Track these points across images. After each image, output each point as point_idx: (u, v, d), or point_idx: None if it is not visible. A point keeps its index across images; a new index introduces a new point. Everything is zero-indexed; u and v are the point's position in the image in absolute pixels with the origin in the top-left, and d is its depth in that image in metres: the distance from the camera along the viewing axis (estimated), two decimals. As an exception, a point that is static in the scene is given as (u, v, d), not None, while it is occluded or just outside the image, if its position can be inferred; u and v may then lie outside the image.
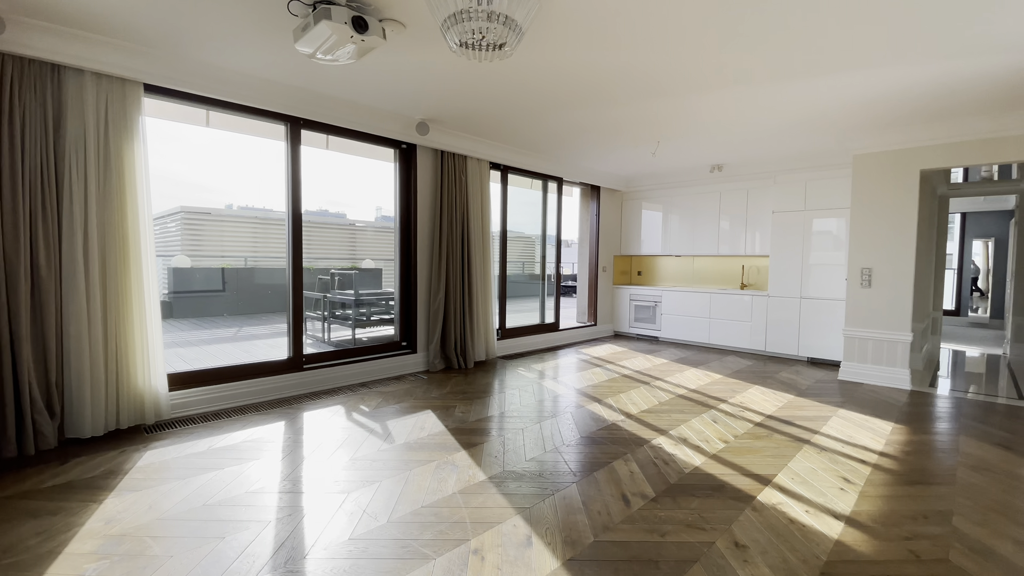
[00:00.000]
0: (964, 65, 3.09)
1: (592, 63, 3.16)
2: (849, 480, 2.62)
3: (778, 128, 4.58)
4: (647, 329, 7.24)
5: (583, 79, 3.43)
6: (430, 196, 4.98)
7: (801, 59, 3.04)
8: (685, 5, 2.44)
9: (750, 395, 4.26)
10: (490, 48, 2.23)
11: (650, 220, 7.42)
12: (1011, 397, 4.31)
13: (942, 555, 1.94)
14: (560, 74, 3.36)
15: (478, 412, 3.69)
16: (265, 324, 7.17)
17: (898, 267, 4.63)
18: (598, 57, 3.07)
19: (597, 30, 2.71)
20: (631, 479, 2.59)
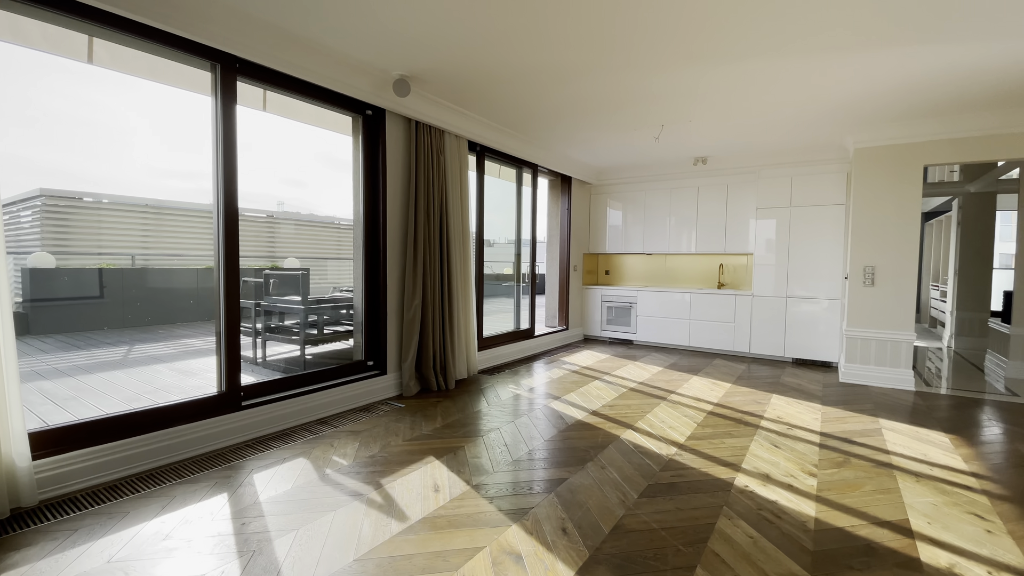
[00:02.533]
0: (969, 54, 2.84)
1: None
2: (984, 518, 2.17)
3: (775, 116, 4.21)
4: (621, 332, 6.75)
5: (604, 30, 2.73)
6: (402, 179, 4.01)
7: (810, 33, 2.60)
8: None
9: (779, 407, 3.83)
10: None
11: (621, 216, 6.94)
12: (994, 392, 4.31)
13: None
14: (583, 20, 2.63)
15: (495, 454, 2.84)
16: (166, 341, 5.64)
17: (901, 265, 4.49)
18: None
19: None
20: (755, 548, 1.92)
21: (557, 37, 2.85)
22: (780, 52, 2.98)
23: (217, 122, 2.86)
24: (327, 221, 8.47)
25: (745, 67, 3.22)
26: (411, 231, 3.95)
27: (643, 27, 2.71)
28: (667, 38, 2.83)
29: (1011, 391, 4.39)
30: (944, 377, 4.95)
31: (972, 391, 4.38)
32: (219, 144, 2.86)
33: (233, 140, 2.90)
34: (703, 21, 2.63)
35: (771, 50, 2.96)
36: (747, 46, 2.92)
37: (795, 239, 5.55)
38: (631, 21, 2.64)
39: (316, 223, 7.96)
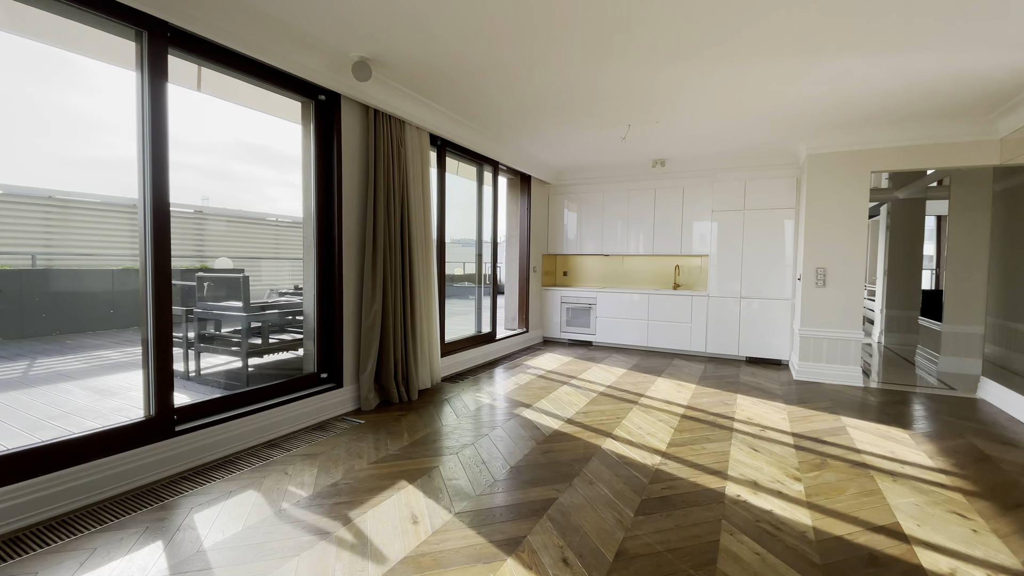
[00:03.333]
0: (918, 67, 2.98)
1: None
2: (965, 516, 2.22)
3: (734, 120, 4.27)
4: (581, 334, 6.69)
5: (576, 23, 2.59)
6: (359, 172, 3.67)
7: (770, 40, 2.63)
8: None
9: (747, 408, 3.86)
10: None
11: (580, 216, 6.88)
12: (930, 386, 4.61)
13: None
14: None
15: (475, 474, 2.61)
16: (77, 354, 4.92)
17: (850, 266, 4.70)
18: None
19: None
20: (764, 566, 1.83)
21: (527, 25, 2.67)
22: (743, 56, 2.96)
23: (143, 102, 2.43)
24: (258, 217, 7.78)
25: (710, 70, 3.19)
26: (370, 229, 3.62)
27: (612, 22, 2.57)
28: (634, 37, 2.72)
29: (946, 384, 4.71)
30: (876, 370, 5.25)
31: (910, 385, 4.66)
32: (146, 128, 2.43)
33: (164, 123, 2.48)
34: (667, 21, 2.54)
35: (735, 55, 2.93)
36: (713, 50, 2.87)
37: (748, 241, 5.70)
38: (599, 15, 2.50)
39: (250, 219, 7.30)
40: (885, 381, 4.82)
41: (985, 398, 4.20)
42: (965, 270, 5.03)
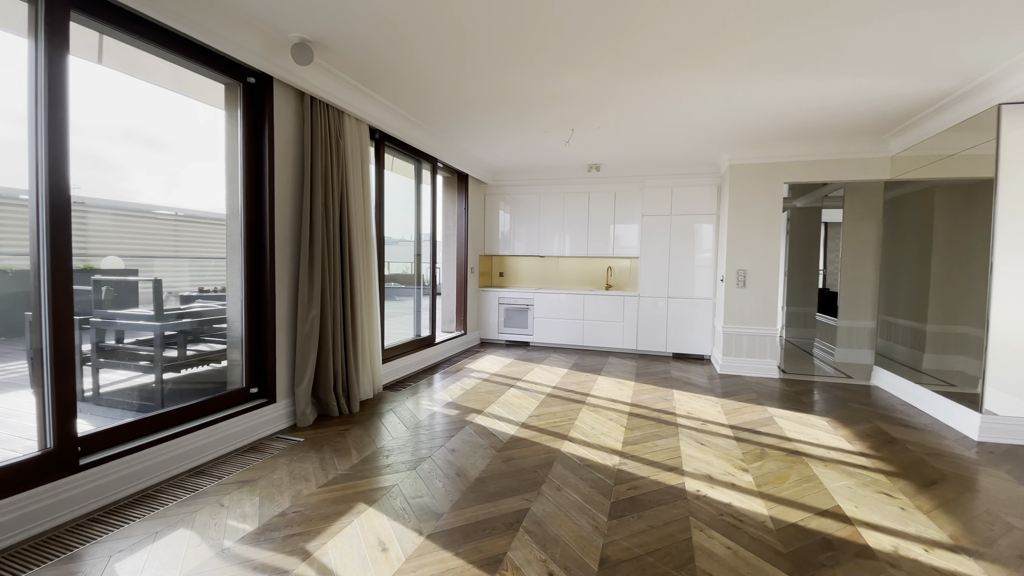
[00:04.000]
0: (831, 88, 3.36)
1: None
2: (892, 496, 2.48)
3: (665, 130, 4.49)
4: (518, 334, 6.70)
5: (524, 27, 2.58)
6: (294, 165, 3.35)
7: (717, 57, 2.85)
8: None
9: (685, 403, 4.07)
10: None
11: (516, 217, 6.89)
12: (830, 375, 5.19)
13: (1079, 578, 1.84)
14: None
15: (438, 490, 2.47)
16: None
17: (768, 268, 5.13)
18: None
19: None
20: (738, 559, 1.90)
21: (482, 24, 2.58)
22: (676, 70, 3.10)
23: (38, 75, 2.01)
24: (146, 210, 6.91)
25: (647, 81, 3.30)
26: (306, 227, 3.32)
27: (559, 29, 2.58)
28: (580, 44, 2.75)
29: (843, 373, 5.30)
30: (780, 362, 5.81)
31: (815, 375, 5.19)
32: (40, 105, 2.01)
33: (64, 100, 2.06)
34: (609, 34, 2.59)
35: (669, 68, 3.06)
36: (650, 63, 2.98)
37: (674, 244, 6.03)
38: (551, 26, 2.49)
39: (144, 213, 6.44)
40: (793, 372, 5.33)
41: (878, 385, 4.79)
42: (858, 272, 5.71)
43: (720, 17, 2.49)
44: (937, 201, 4.69)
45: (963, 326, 4.55)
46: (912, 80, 3.21)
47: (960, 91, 3.34)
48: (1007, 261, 3.21)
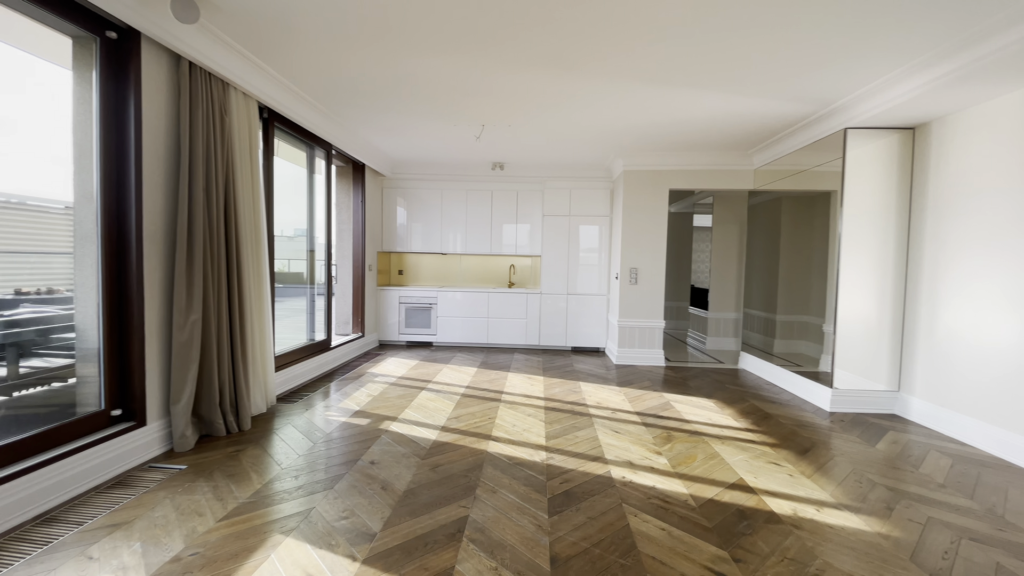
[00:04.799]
0: (712, 106, 3.85)
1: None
2: (780, 465, 2.84)
3: (567, 133, 4.68)
4: (421, 335, 6.47)
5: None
6: (167, 142, 2.82)
7: (617, 65, 3.11)
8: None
9: (592, 393, 4.26)
10: None
11: (418, 213, 6.64)
12: (704, 361, 5.86)
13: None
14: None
15: (365, 508, 2.26)
16: None
17: (655, 267, 5.60)
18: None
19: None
20: (673, 539, 2.02)
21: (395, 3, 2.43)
22: (581, 76, 3.25)
23: None
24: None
25: (556, 82, 3.39)
26: (184, 217, 2.82)
27: (473, 25, 2.55)
28: (488, 35, 2.75)
29: (715, 358, 5.99)
30: (661, 348, 6.43)
31: (691, 361, 5.80)
32: None
33: None
34: (520, 32, 2.64)
35: (575, 71, 3.19)
36: (560, 65, 3.08)
37: (573, 244, 6.31)
38: (459, 16, 2.45)
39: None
40: (675, 360, 5.89)
41: (745, 368, 5.49)
42: (724, 270, 6.49)
43: (619, 23, 2.62)
44: (783, 209, 5.50)
45: (805, 316, 5.38)
46: (780, 103, 3.71)
47: (816, 115, 3.95)
48: (849, 263, 3.87)
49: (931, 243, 3.60)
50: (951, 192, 3.43)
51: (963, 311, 3.32)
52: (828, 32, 2.64)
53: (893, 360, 3.88)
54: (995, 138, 3.11)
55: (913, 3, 2.34)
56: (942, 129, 3.51)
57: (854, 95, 3.48)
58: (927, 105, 3.27)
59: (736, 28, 2.62)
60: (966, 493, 2.49)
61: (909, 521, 2.21)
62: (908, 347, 3.79)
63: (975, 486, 2.57)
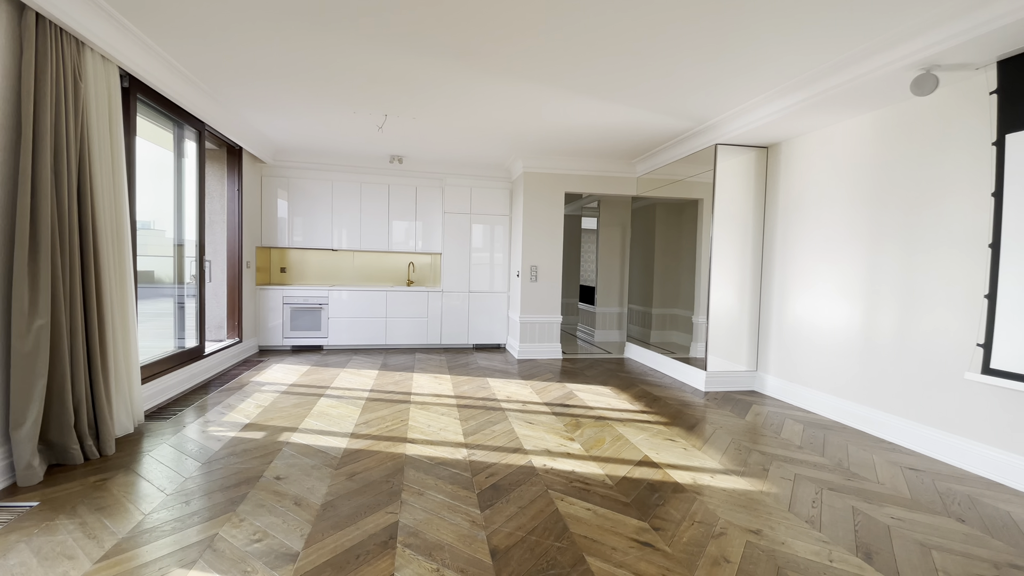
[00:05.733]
0: (608, 117, 4.25)
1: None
2: (675, 440, 3.17)
3: (469, 130, 4.69)
4: (309, 338, 6.00)
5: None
6: (6, 111, 2.27)
7: (519, 67, 3.29)
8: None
9: (501, 388, 4.34)
10: None
11: (305, 205, 6.15)
12: (594, 352, 6.33)
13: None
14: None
15: (282, 527, 2.05)
16: None
17: (553, 265, 5.88)
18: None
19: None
20: (599, 517, 2.16)
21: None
22: (486, 73, 3.32)
23: None
24: None
25: (461, 76, 3.40)
26: (25, 204, 2.29)
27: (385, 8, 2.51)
28: (406, 29, 2.72)
29: (604, 349, 6.47)
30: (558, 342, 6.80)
31: (583, 353, 6.21)
32: None
33: None
34: (429, 16, 2.67)
35: (480, 66, 3.25)
36: (467, 58, 3.14)
37: (474, 242, 6.35)
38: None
39: None
40: (569, 352, 6.25)
41: (631, 357, 6.02)
42: (610, 269, 7.03)
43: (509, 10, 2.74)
44: (658, 215, 6.13)
45: (676, 309, 6.05)
46: (664, 117, 4.14)
47: (693, 131, 4.47)
48: (717, 263, 4.45)
49: (781, 245, 4.29)
50: (795, 203, 4.13)
51: (805, 302, 4.02)
52: (707, 62, 3.01)
53: (752, 345, 4.55)
54: (829, 159, 3.82)
55: (771, 42, 2.78)
56: (789, 149, 4.21)
57: (724, 115, 4.02)
58: (779, 128, 3.90)
59: (636, 53, 2.86)
60: (818, 452, 3.03)
61: (782, 479, 2.63)
62: (764, 333, 4.48)
63: (824, 445, 3.14)
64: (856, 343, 3.55)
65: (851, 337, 3.59)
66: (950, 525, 2.18)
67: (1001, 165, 2.59)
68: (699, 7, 2.44)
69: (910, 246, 3.18)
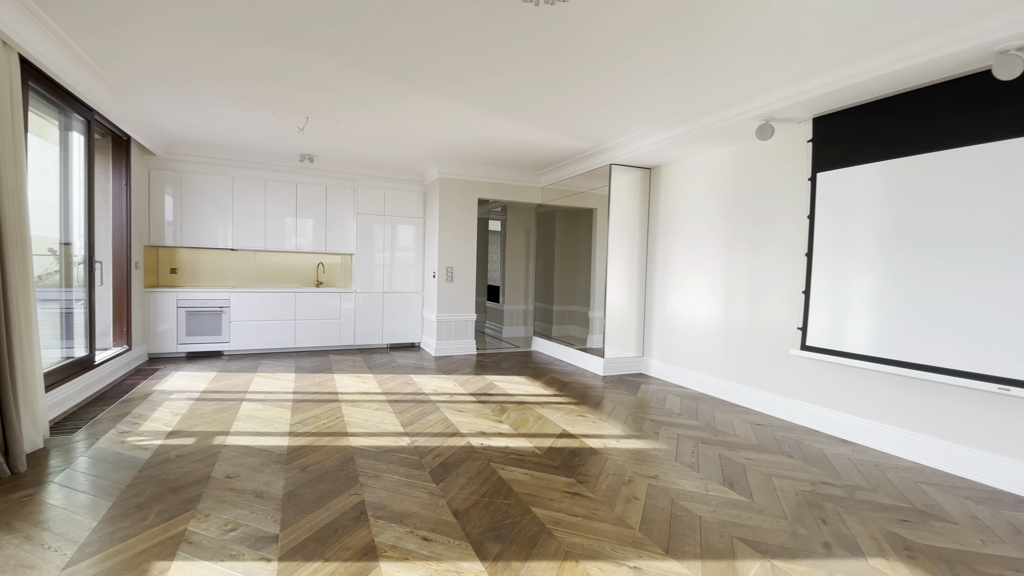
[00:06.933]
0: (517, 133, 4.80)
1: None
2: (585, 416, 3.74)
3: (394, 137, 4.86)
4: (209, 343, 5.67)
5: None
6: None
7: (443, 84, 3.80)
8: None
9: (426, 383, 4.62)
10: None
11: (201, 201, 5.78)
12: (504, 347, 6.85)
13: (673, 434, 3.40)
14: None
15: (252, 519, 2.19)
16: None
17: (467, 266, 6.25)
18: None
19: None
20: (534, 478, 2.61)
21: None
22: (408, 83, 3.66)
23: None
24: None
25: (385, 85, 3.68)
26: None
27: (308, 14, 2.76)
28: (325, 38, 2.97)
29: (513, 344, 7.00)
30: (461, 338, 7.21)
31: (493, 348, 6.68)
32: None
33: None
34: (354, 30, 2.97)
35: (402, 77, 3.57)
36: (403, 77, 3.44)
37: (388, 243, 6.48)
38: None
39: None
40: (481, 348, 6.68)
41: (538, 350, 6.61)
42: (516, 269, 7.58)
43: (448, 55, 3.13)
44: (557, 221, 6.83)
45: (573, 305, 6.79)
46: (569, 139, 4.73)
47: (592, 151, 5.13)
48: (612, 265, 5.17)
49: (662, 250, 5.13)
50: (672, 215, 4.98)
51: (680, 297, 4.87)
52: (603, 106, 3.61)
53: (639, 334, 5.36)
54: (698, 181, 4.69)
55: (656, 91, 3.45)
56: (668, 171, 5.05)
57: (619, 141, 4.72)
58: (661, 154, 4.69)
59: (553, 88, 3.36)
60: (693, 417, 3.80)
61: (668, 438, 3.30)
62: (648, 324, 5.30)
63: (697, 412, 3.93)
64: (718, 330, 4.45)
65: (714, 325, 4.49)
66: (783, 460, 2.99)
67: (814, 195, 3.53)
68: (605, 68, 2.99)
69: (756, 252, 4.10)
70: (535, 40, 2.77)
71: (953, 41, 2.47)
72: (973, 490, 2.62)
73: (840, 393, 3.46)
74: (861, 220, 3.25)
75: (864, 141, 3.22)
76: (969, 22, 2.38)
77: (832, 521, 2.27)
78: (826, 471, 2.83)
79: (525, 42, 2.80)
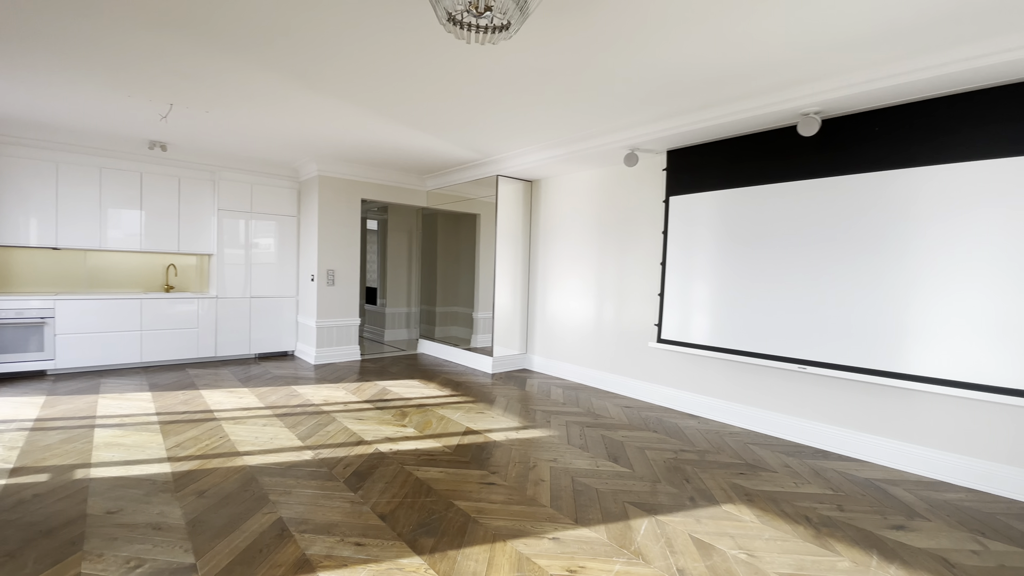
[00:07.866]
0: (399, 139, 4.98)
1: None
2: (484, 412, 4.00)
3: (270, 131, 4.57)
4: (26, 361, 4.67)
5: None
6: None
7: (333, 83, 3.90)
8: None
9: (313, 393, 4.45)
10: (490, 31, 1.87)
11: (7, 190, 4.71)
12: (388, 351, 6.83)
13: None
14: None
15: (147, 555, 2.01)
16: None
17: (351, 268, 6.07)
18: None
19: None
20: (451, 477, 2.79)
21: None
22: (290, 81, 3.64)
23: None
24: None
25: (271, 77, 3.60)
26: None
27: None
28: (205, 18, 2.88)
29: (397, 347, 6.97)
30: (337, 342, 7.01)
31: (377, 352, 6.61)
32: None
33: None
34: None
35: (283, 70, 3.56)
36: (297, 74, 3.40)
37: (255, 243, 5.98)
38: (292, 28, 2.57)
39: None
40: (365, 352, 6.55)
41: (425, 352, 6.69)
42: (398, 270, 7.54)
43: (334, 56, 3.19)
44: (439, 224, 7.01)
45: (456, 307, 7.04)
46: (457, 147, 4.93)
47: (480, 161, 5.40)
48: (500, 268, 5.52)
49: (542, 256, 5.63)
50: (553, 225, 5.50)
51: (559, 299, 5.41)
52: (496, 125, 3.92)
53: (523, 333, 5.80)
54: (575, 195, 5.26)
55: (539, 117, 3.86)
56: (548, 185, 5.56)
57: (506, 154, 5.07)
58: (544, 170, 5.16)
59: (448, 102, 3.55)
60: (575, 405, 4.30)
61: (559, 425, 3.73)
62: (531, 323, 5.77)
63: (578, 400, 4.45)
64: (591, 327, 5.06)
65: (588, 323, 5.09)
66: (650, 435, 3.59)
67: (667, 215, 4.26)
68: (496, 99, 3.28)
69: (622, 260, 4.78)
70: (441, 70, 2.94)
71: (767, 104, 3.26)
72: (785, 446, 3.48)
73: (688, 377, 4.24)
74: (703, 237, 4.03)
75: (704, 174, 4.01)
76: (778, 91, 3.17)
77: (693, 480, 2.86)
78: (682, 441, 3.50)
79: (430, 70, 2.94)
